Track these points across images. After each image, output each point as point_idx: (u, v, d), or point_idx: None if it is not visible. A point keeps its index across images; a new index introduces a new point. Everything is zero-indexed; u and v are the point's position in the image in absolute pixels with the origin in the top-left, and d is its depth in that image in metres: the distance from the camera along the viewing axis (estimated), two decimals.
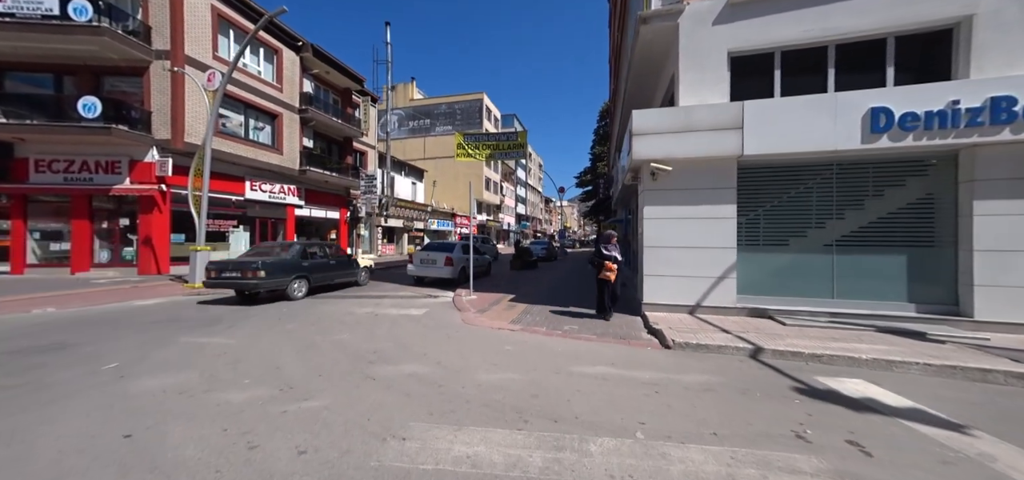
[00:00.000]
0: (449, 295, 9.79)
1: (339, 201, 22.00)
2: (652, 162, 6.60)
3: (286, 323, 6.27)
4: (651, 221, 6.85)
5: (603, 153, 39.75)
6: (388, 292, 10.20)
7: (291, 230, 18.34)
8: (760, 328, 5.52)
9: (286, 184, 17.90)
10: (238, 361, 4.26)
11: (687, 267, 6.63)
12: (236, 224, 15.71)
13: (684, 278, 6.65)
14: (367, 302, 8.53)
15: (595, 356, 4.67)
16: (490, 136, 17.00)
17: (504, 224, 55.50)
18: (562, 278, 13.65)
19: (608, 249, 6.65)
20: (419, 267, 11.55)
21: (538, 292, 10.02)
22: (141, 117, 12.23)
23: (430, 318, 6.94)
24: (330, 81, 20.97)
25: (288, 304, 8.15)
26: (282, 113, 17.24)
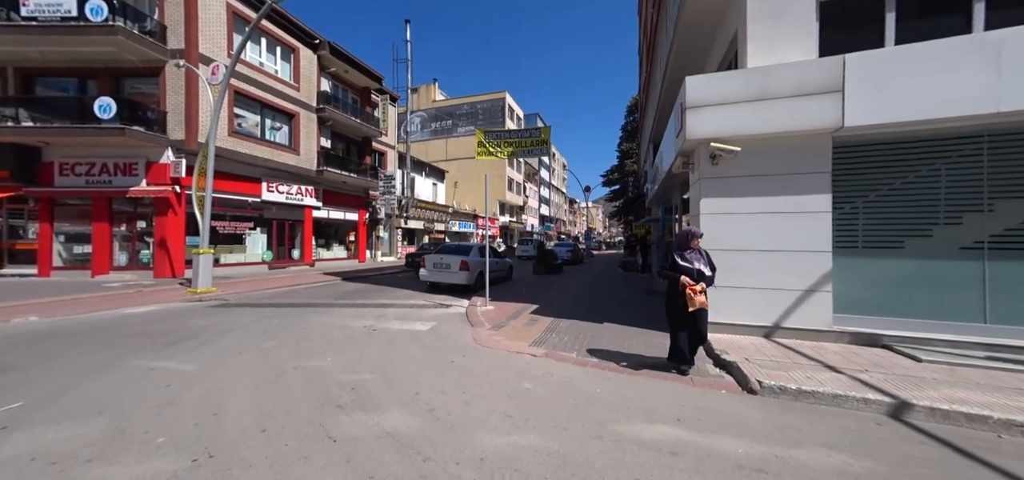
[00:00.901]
0: (463, 304, 8.67)
1: (358, 202, 21.59)
2: (713, 142, 5.15)
3: (265, 340, 5.34)
4: (710, 217, 5.39)
5: (631, 150, 37.65)
6: (397, 299, 9.22)
7: (309, 232, 18.00)
8: (882, 364, 3.95)
9: (303, 185, 17.56)
10: (170, 402, 3.28)
11: (761, 276, 5.11)
12: (253, 226, 15.43)
13: (757, 291, 5.13)
14: (369, 313, 7.55)
15: (650, 405, 3.33)
16: (512, 133, 15.83)
17: (527, 225, 54.23)
18: (591, 284, 12.22)
19: (688, 258, 4.11)
20: (432, 272, 10.53)
21: (565, 302, 8.70)
22: (157, 118, 12.03)
23: (435, 335, 5.81)
24: (348, 80, 20.60)
25: (280, 316, 7.31)
26: (299, 113, 16.91)
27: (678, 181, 8.92)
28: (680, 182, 8.86)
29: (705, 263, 4.11)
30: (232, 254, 14.72)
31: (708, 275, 4.06)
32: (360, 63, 20.04)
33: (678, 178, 8.64)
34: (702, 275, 4.03)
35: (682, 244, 4.25)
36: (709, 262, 4.13)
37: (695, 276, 4.01)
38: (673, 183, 9.46)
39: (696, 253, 4.16)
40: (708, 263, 4.12)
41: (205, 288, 9.25)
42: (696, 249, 4.19)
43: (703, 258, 4.14)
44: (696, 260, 4.10)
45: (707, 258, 4.15)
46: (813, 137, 4.87)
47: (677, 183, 9.10)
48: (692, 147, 5.65)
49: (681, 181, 8.71)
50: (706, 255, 4.18)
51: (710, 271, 4.08)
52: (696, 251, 4.18)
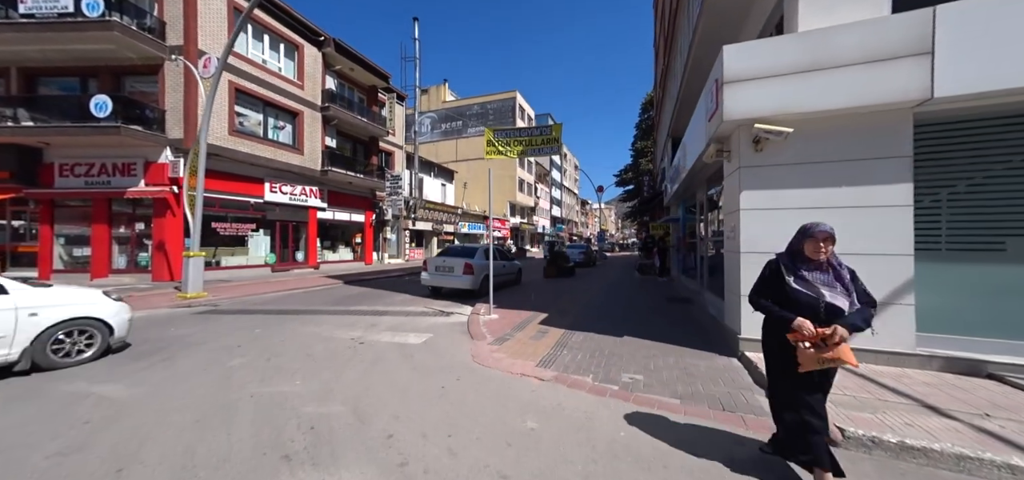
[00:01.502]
0: (466, 311, 7.92)
1: (364, 203, 21.16)
2: (757, 123, 4.26)
3: (235, 356, 4.69)
4: (752, 214, 4.49)
5: (646, 148, 36.41)
6: (394, 306, 8.55)
7: (313, 234, 17.59)
8: (1003, 403, 3.01)
9: (308, 186, 17.17)
10: (80, 448, 2.61)
11: None
12: (255, 228, 15.07)
13: None
14: (362, 321, 6.88)
15: (693, 462, 2.50)
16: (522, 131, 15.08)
17: (539, 227, 53.36)
18: (606, 289, 11.31)
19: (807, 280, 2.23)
20: (434, 276, 9.83)
21: (577, 310, 7.85)
22: (155, 116, 11.72)
23: (429, 350, 5.07)
24: (354, 78, 20.21)
25: (265, 324, 6.70)
26: (303, 111, 16.53)
27: (704, 175, 7.99)
28: (707, 176, 7.92)
29: (843, 288, 2.16)
30: (234, 257, 14.36)
31: (850, 310, 2.11)
32: (366, 60, 19.61)
33: (705, 172, 7.71)
34: (835, 311, 2.11)
35: (797, 253, 2.33)
36: (854, 285, 2.20)
37: (821, 314, 2.12)
38: (698, 178, 8.52)
39: (824, 270, 2.21)
40: (851, 288, 2.18)
41: (195, 293, 8.76)
42: (825, 260, 2.22)
43: (840, 278, 2.19)
44: (825, 284, 2.17)
45: (850, 278, 2.21)
46: (888, 113, 3.93)
47: (703, 178, 8.16)
48: (729, 130, 4.76)
49: (708, 175, 7.78)
50: (847, 273, 2.22)
51: (856, 300, 2.16)
52: (824, 266, 2.22)
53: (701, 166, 7.25)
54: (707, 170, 7.40)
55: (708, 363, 4.40)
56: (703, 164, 7.12)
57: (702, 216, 8.76)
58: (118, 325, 4.70)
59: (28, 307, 4.00)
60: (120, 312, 4.77)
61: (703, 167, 7.32)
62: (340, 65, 18.72)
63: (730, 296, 5.02)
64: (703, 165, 7.25)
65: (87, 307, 4.44)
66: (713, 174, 7.40)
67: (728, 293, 5.13)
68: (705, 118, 5.49)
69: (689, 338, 5.47)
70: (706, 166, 7.09)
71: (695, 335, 5.66)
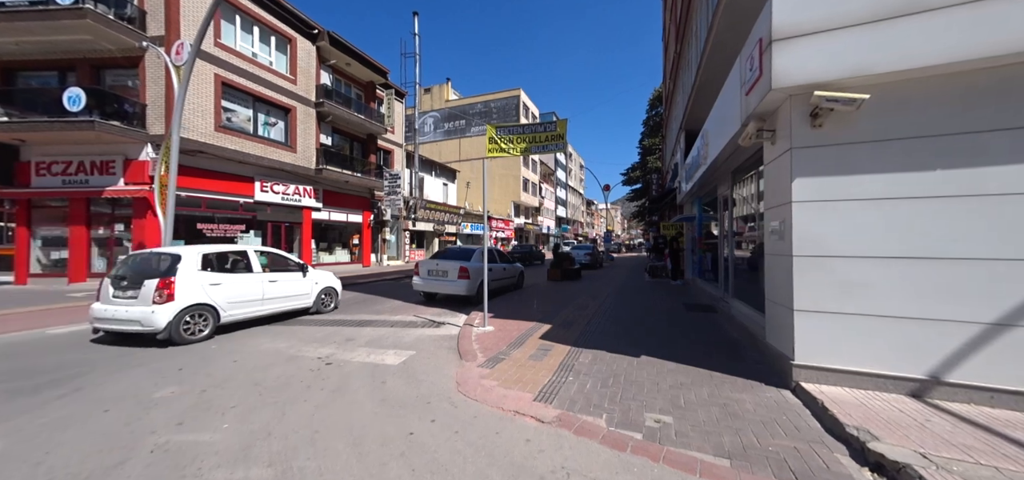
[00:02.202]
0: (460, 320, 7.05)
1: (362, 203, 20.43)
2: (818, 90, 3.30)
3: (164, 385, 3.85)
4: (808, 207, 3.53)
5: (654, 145, 35.27)
6: (381, 314, 7.69)
7: (307, 235, 16.88)
8: None
9: (301, 185, 16.47)
10: None
11: (898, 298, 3.22)
12: (245, 228, 14.37)
13: (892, 323, 3.24)
14: (339, 334, 6.03)
15: None
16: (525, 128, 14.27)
17: (544, 227, 52.43)
18: (615, 294, 10.34)
19: None
20: (426, 280, 8.96)
21: (584, 319, 6.92)
22: (135, 111, 11.06)
23: (406, 375, 4.18)
24: (351, 74, 19.50)
25: (229, 336, 5.88)
26: (296, 107, 15.84)
27: (730, 167, 7.01)
28: (733, 168, 6.94)
29: None
30: None
31: None
32: (363, 55, 18.89)
33: (731, 162, 6.74)
34: None
35: None
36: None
37: None
38: (721, 171, 7.54)
39: None
40: None
41: None
42: None
43: None
44: None
45: None
46: (1012, 69, 2.95)
47: (727, 170, 7.18)
48: (776, 102, 3.80)
49: (735, 166, 6.80)
50: None
51: None
52: None
53: (728, 155, 6.29)
54: (736, 159, 6.43)
55: (754, 397, 3.44)
56: (729, 154, 6.17)
57: (726, 213, 7.76)
58: (339, 289, 8.31)
59: (316, 280, 7.68)
60: (336, 281, 8.28)
61: (731, 156, 6.36)
62: (335, 59, 18.01)
63: (775, 309, 4.05)
64: (729, 156, 6.30)
65: (329, 280, 8.07)
66: (742, 164, 6.42)
67: (771, 305, 4.16)
68: (739, 93, 4.54)
69: (721, 359, 4.51)
70: (735, 154, 6.13)
71: (727, 354, 4.70)
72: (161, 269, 5.50)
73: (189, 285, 5.49)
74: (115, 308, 5.29)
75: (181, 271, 5.49)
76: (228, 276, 6.07)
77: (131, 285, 5.39)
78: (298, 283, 7.24)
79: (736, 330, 5.81)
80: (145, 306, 5.17)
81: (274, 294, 6.72)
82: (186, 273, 5.53)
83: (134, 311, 5.17)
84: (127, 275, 5.51)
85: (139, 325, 5.12)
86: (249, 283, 6.34)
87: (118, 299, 5.36)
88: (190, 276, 5.56)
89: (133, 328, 5.16)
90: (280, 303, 6.86)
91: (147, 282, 5.30)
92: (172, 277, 5.37)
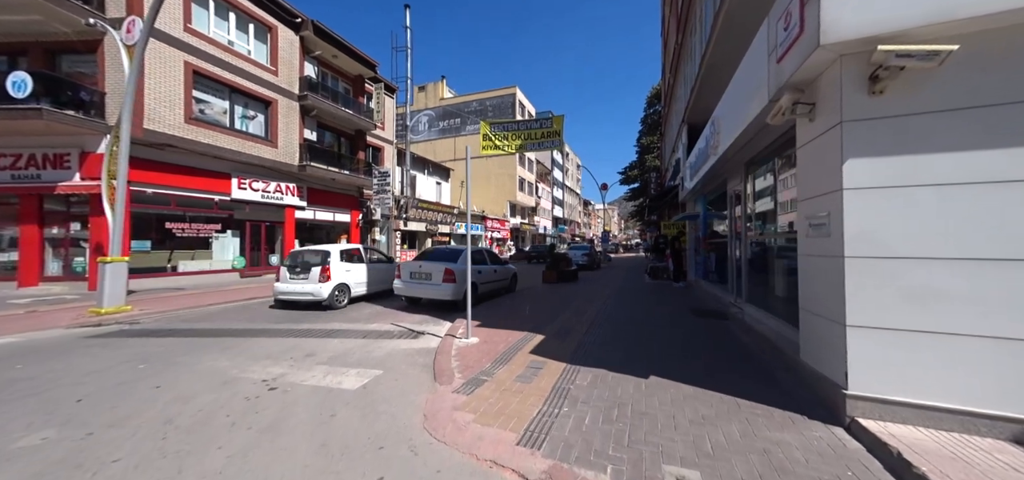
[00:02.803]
0: (443, 328, 6.28)
1: (350, 202, 19.58)
2: (884, 44, 2.57)
3: (41, 427, 3.04)
4: (865, 195, 2.80)
5: (652, 144, 34.68)
6: (354, 323, 6.90)
7: (290, 235, 15.99)
8: None
9: (284, 182, 15.59)
10: None
11: (994, 313, 2.49)
12: (221, 228, 13.48)
13: (984, 342, 2.51)
14: (297, 348, 5.22)
15: None
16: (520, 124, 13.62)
17: (540, 227, 51.73)
18: (615, 298, 9.60)
19: None
20: (408, 284, 8.17)
21: (583, 328, 6.17)
22: (93, 100, 10.16)
23: (364, 405, 3.40)
24: (338, 66, 18.64)
25: (160, 356, 5.07)
26: (277, 100, 14.96)
27: (742, 158, 6.29)
28: (746, 160, 6.22)
29: None
30: (194, 261, 12.77)
31: None
32: (350, 47, 18.05)
33: (745, 153, 6.02)
34: None
35: None
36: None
37: None
38: (732, 163, 6.82)
39: None
40: None
41: (114, 307, 7.15)
42: None
43: None
44: None
45: None
46: None
47: (741, 161, 6.46)
48: (821, 66, 3.06)
49: (749, 158, 6.08)
50: None
51: None
52: None
53: (742, 145, 5.56)
54: (752, 149, 5.70)
55: (800, 438, 2.70)
56: (745, 142, 5.43)
57: (738, 209, 7.04)
58: None
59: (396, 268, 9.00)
60: None
61: (746, 146, 5.63)
62: (320, 51, 17.15)
63: (814, 323, 3.31)
64: (744, 144, 5.57)
65: None
66: (758, 154, 5.70)
67: (809, 317, 3.42)
68: (766, 63, 3.80)
69: (747, 380, 3.77)
70: (752, 143, 5.40)
71: (753, 374, 3.96)
72: (320, 260, 8.05)
73: (336, 270, 8.13)
74: (293, 286, 8.03)
75: (332, 261, 8.09)
76: (354, 265, 8.77)
77: (302, 271, 8.03)
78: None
79: (755, 341, 5.07)
80: (313, 284, 7.86)
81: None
82: (334, 262, 8.15)
83: (307, 286, 7.89)
84: (298, 264, 8.17)
85: (311, 296, 7.85)
86: (363, 271, 9.03)
87: (294, 280, 8.04)
88: (336, 264, 8.17)
89: (306, 298, 7.91)
90: (376, 286, 9.43)
91: (313, 268, 7.95)
92: (328, 264, 7.99)
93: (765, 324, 5.24)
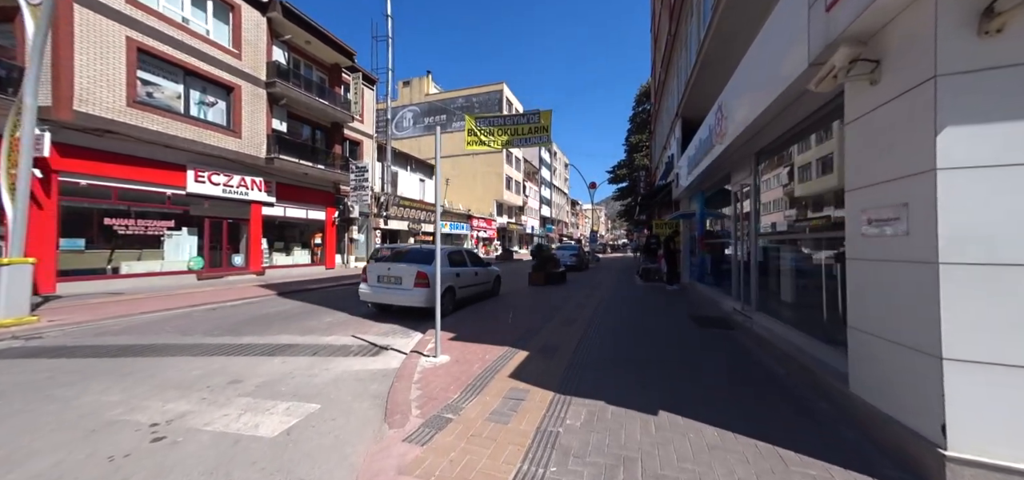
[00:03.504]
0: (412, 340, 5.35)
1: (325, 198, 18.34)
2: None
3: None
4: (968, 177, 2.03)
5: (641, 142, 34.30)
6: (307, 335, 5.89)
7: (256, 234, 14.71)
8: None
9: (249, 176, 14.31)
10: None
11: None
12: (174, 225, 12.15)
13: None
14: (222, 372, 4.21)
15: None
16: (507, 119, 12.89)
17: (528, 227, 51.00)
18: (607, 302, 8.81)
19: None
20: (375, 289, 7.19)
21: (573, 340, 5.34)
22: (10, 76, 8.79)
23: (276, 465, 2.47)
24: (311, 53, 17.40)
25: (46, 384, 3.99)
26: (240, 86, 13.69)
27: (754, 148, 5.57)
28: (757, 149, 5.50)
29: None
30: (141, 262, 11.42)
31: None
32: (324, 32, 16.84)
33: (757, 142, 5.29)
34: None
35: None
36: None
37: None
38: (738, 155, 6.11)
39: None
40: None
41: (13, 318, 5.94)
42: None
43: None
44: None
45: None
46: None
47: (749, 152, 5.74)
48: (900, 5, 2.27)
49: (761, 147, 5.36)
50: None
51: None
52: None
53: (757, 130, 4.82)
54: (765, 136, 4.97)
55: None
56: (761, 127, 4.70)
57: (749, 203, 6.33)
58: None
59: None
60: None
61: (760, 132, 4.90)
62: (291, 35, 15.89)
63: (881, 350, 2.54)
64: (759, 130, 4.83)
65: None
66: (773, 143, 4.97)
67: (865, 341, 2.66)
68: (805, 15, 3.02)
69: (781, 417, 2.99)
70: (765, 131, 4.67)
71: (784, 406, 3.18)
72: None
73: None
74: None
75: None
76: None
77: None
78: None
79: (775, 358, 4.33)
80: None
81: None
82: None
83: None
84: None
85: None
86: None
87: None
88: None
89: None
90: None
91: None
92: None
93: (783, 337, 4.50)
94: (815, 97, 3.34)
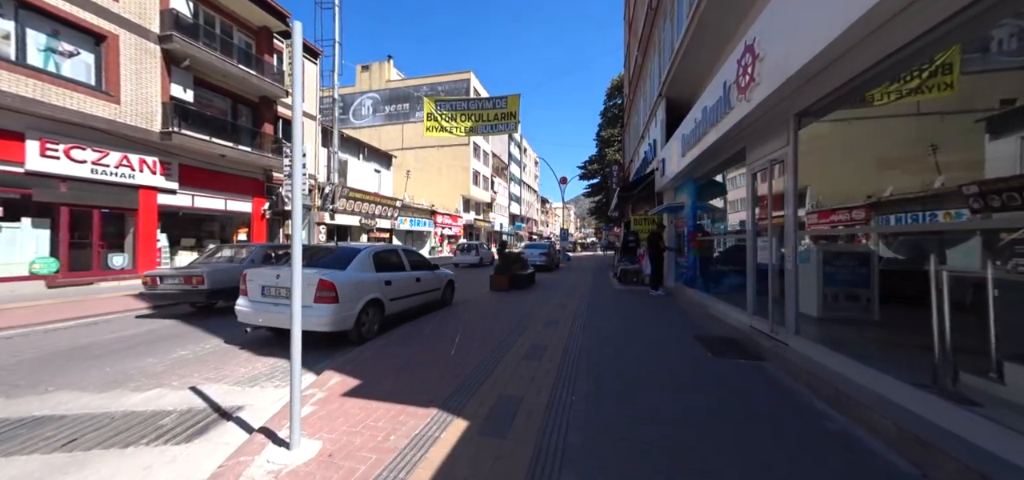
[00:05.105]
0: (275, 404, 3.17)
1: (252, 187, 15.34)
2: None
3: None
4: None
5: (612, 137, 33.43)
6: (101, 393, 3.56)
7: (147, 228, 11.60)
8: None
9: (137, 154, 11.19)
10: None
11: None
12: (2, 214, 8.95)
13: None
14: None
15: None
16: (471, 102, 10.75)
17: (496, 224, 49.03)
18: (585, 313, 7.03)
19: None
20: (256, 306, 4.91)
21: (542, 387, 3.46)
22: None
23: None
24: (230, 9, 14.34)
25: None
26: (118, 34, 10.60)
27: (792, 108, 3.96)
28: (799, 109, 3.89)
29: None
30: None
31: None
32: None
33: (801, 98, 3.65)
34: None
35: None
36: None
37: None
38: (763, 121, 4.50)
39: None
40: None
41: None
42: None
43: None
44: None
45: None
46: None
47: (786, 113, 4.13)
48: None
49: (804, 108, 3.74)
50: None
51: None
52: None
53: (806, 79, 3.16)
54: (833, 76, 3.31)
55: None
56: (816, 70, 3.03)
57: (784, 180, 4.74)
58: None
59: None
60: None
61: (830, 67, 3.24)
62: None
63: None
64: (803, 82, 3.17)
65: None
66: (828, 94, 3.33)
67: None
68: None
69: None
70: (812, 82, 3.01)
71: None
72: None
73: None
74: None
75: None
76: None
77: None
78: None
79: (858, 425, 2.66)
80: None
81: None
82: None
83: None
84: None
85: None
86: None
87: None
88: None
89: None
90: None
91: None
92: None
93: (854, 384, 2.88)
94: None
